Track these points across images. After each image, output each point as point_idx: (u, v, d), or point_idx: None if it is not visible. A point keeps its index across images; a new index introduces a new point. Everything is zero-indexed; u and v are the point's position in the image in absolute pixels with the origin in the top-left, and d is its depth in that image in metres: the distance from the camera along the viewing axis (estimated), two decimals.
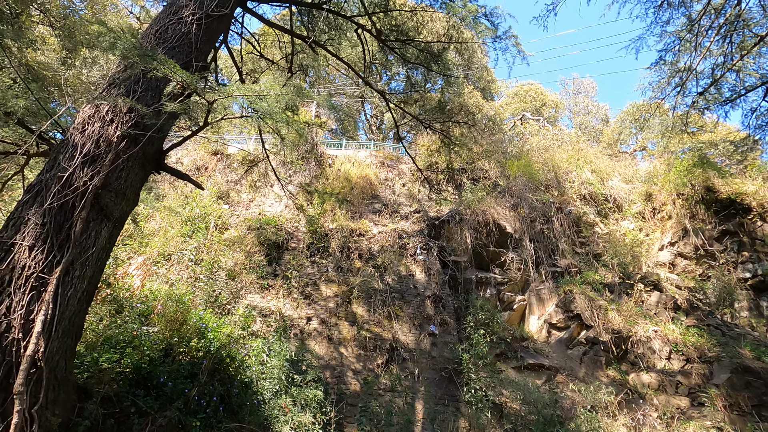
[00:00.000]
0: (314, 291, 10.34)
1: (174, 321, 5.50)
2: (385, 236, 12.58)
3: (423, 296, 10.75)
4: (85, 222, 3.32)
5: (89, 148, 3.47)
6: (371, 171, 15.90)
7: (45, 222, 3.14)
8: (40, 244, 3.08)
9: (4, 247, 3.03)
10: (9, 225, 3.14)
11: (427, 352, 9.44)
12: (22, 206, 3.22)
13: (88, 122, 3.61)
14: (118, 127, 3.65)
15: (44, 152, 4.61)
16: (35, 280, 2.99)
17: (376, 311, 9.99)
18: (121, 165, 3.63)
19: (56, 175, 3.30)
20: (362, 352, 9.16)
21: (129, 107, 3.71)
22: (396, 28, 6.17)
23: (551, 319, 12.02)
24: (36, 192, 3.27)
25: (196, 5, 4.78)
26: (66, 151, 3.48)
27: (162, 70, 3.26)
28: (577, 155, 17.71)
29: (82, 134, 3.55)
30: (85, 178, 3.37)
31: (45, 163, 3.47)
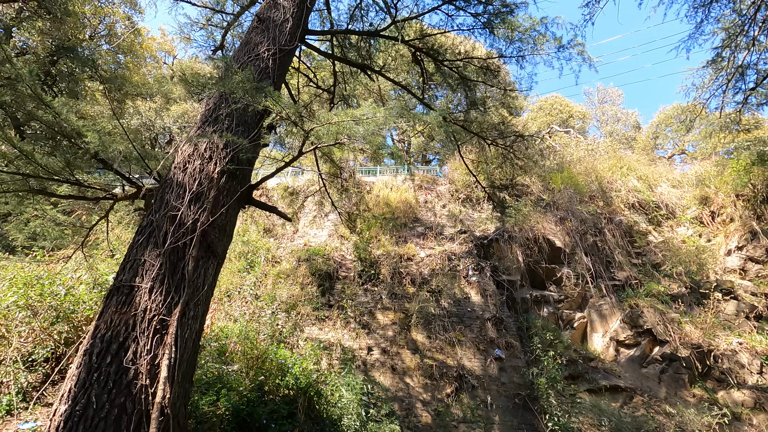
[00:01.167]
0: (371, 320, 10.11)
1: (255, 359, 5.37)
2: (433, 259, 12.32)
3: (482, 319, 10.34)
4: (196, 260, 3.27)
5: (193, 186, 3.46)
6: (410, 194, 15.82)
7: (161, 263, 3.10)
8: (158, 286, 3.03)
9: (124, 290, 2.98)
10: (126, 268, 3.11)
11: (496, 378, 8.98)
12: (136, 248, 3.20)
13: (188, 161, 3.62)
14: (217, 164, 3.65)
15: (132, 195, 4.68)
16: (157, 322, 2.92)
17: (437, 337, 9.65)
18: (222, 201, 3.61)
19: (167, 215, 3.29)
20: (428, 381, 8.79)
21: (225, 143, 3.71)
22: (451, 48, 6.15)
23: (618, 336, 11.35)
24: (149, 233, 3.25)
25: (269, 41, 4.88)
26: (171, 190, 3.48)
27: (264, 102, 3.25)
28: (619, 163, 17.21)
29: (184, 173, 3.55)
30: (192, 216, 3.34)
31: (153, 204, 3.47)
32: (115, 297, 2.98)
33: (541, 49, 5.63)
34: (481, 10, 5.43)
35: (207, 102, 4.12)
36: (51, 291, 5.54)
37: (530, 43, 5.57)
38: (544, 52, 5.66)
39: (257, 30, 5.06)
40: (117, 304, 2.93)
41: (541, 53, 5.69)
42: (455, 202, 15.94)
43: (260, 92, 3.28)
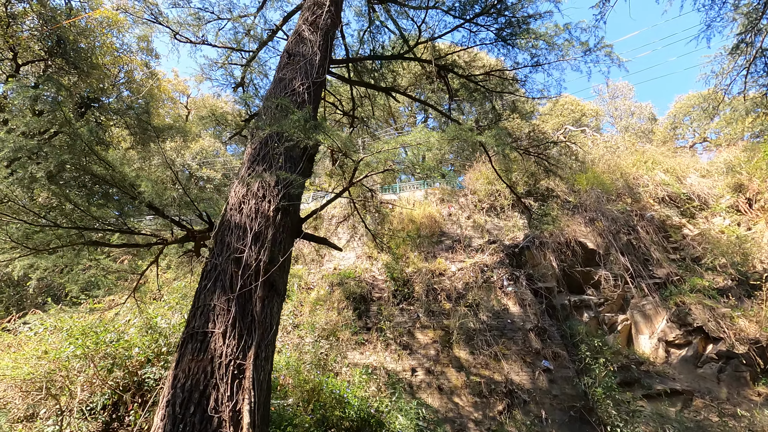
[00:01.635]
0: (411, 340, 9.97)
1: (310, 391, 5.31)
2: (466, 272, 12.16)
3: (524, 330, 10.09)
4: (262, 300, 3.27)
5: (252, 226, 3.49)
6: (433, 209, 15.75)
7: (230, 306, 3.11)
8: (231, 330, 3.02)
9: (198, 337, 2.99)
10: (197, 314, 3.13)
11: (547, 391, 8.69)
12: (204, 293, 3.22)
13: (243, 201, 3.66)
14: (271, 202, 3.68)
15: (182, 238, 4.74)
16: (234, 367, 2.90)
17: (481, 353, 9.43)
18: (279, 238, 3.62)
19: (230, 257, 3.31)
20: (478, 399, 8.56)
21: (276, 180, 3.75)
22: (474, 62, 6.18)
23: (666, 337, 10.94)
24: (215, 277, 3.27)
25: (303, 76, 4.97)
26: (230, 231, 3.51)
27: (317, 137, 3.28)
28: (642, 158, 16.90)
29: (240, 213, 3.59)
30: (255, 256, 3.35)
31: (213, 247, 3.50)
32: (189, 344, 2.99)
33: (567, 55, 5.62)
34: (504, 21, 5.47)
35: (253, 142, 4.19)
36: (106, 339, 5.62)
37: (556, 50, 5.58)
38: (570, 57, 5.64)
39: (288, 66, 5.16)
40: (193, 352, 2.93)
41: (568, 59, 5.68)
42: (479, 212, 15.78)
43: (314, 129, 3.32)
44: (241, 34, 10.21)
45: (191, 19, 9.31)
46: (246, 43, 10.57)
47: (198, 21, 8.87)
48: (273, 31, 9.10)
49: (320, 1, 6.45)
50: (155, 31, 8.87)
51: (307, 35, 5.68)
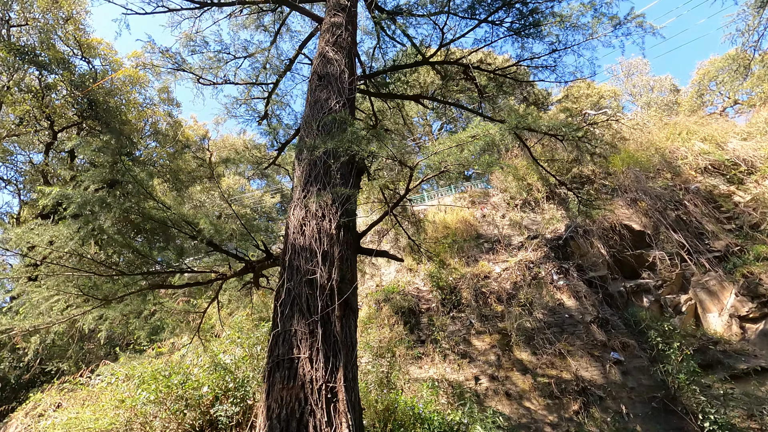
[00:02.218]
0: (468, 347, 9.68)
1: (385, 410, 5.17)
2: (511, 272, 11.82)
3: (584, 323, 9.65)
4: (341, 320, 3.20)
5: (318, 247, 3.45)
6: (466, 213, 15.52)
7: (311, 329, 3.05)
8: (316, 353, 2.95)
9: (285, 365, 2.93)
10: (279, 341, 3.08)
11: (622, 384, 8.21)
12: (282, 320, 3.17)
13: (303, 223, 3.63)
14: (331, 220, 3.64)
15: (241, 271, 4.75)
16: (326, 391, 2.81)
17: (544, 352, 9.05)
18: (344, 255, 3.57)
19: (303, 280, 3.26)
20: (549, 401, 8.17)
21: (332, 199, 3.72)
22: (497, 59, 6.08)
23: (738, 312, 10.26)
24: (291, 302, 3.22)
25: (336, 94, 5.00)
26: (297, 255, 3.48)
27: (370, 148, 3.23)
28: (675, 130, 16.24)
29: (303, 236, 3.56)
30: (326, 276, 3.30)
31: (283, 273, 3.47)
32: (277, 373, 2.93)
33: (595, 33, 5.46)
34: (527, 10, 5.39)
35: (301, 165, 4.19)
36: (175, 382, 5.66)
37: (584, 29, 5.43)
38: (600, 34, 5.48)
39: (320, 87, 5.20)
40: (282, 380, 2.87)
41: (597, 36, 5.52)
42: (513, 209, 15.45)
43: (369, 139, 3.29)
44: (258, 69, 10.49)
45: (211, 62, 9.61)
46: (264, 77, 10.84)
47: (218, 62, 9.16)
48: (290, 60, 9.30)
49: (338, 22, 6.54)
50: (179, 78, 9.18)
51: (332, 55, 5.74)
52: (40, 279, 4.14)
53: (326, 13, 7.18)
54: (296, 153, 4.51)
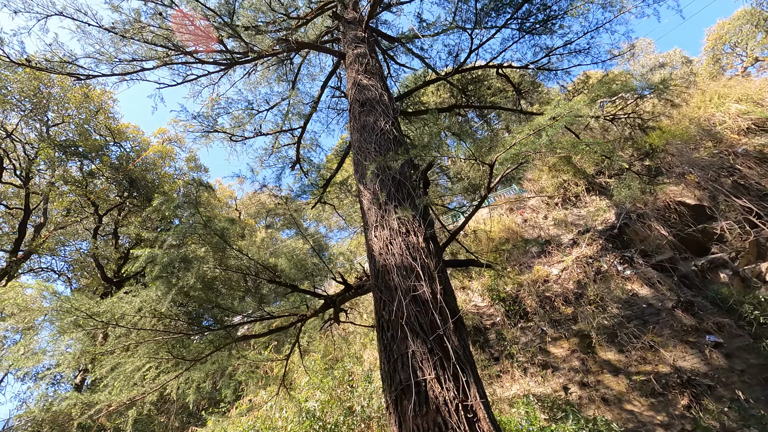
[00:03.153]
0: (546, 357, 9.12)
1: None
2: (571, 271, 11.28)
3: (666, 309, 8.99)
4: (455, 333, 2.98)
5: (411, 263, 3.29)
6: (506, 220, 15.15)
7: (431, 348, 2.84)
8: (442, 372, 2.74)
9: (411, 390, 2.71)
10: (399, 367, 2.88)
11: (729, 368, 7.49)
12: (394, 344, 2.99)
13: (390, 242, 3.50)
14: (417, 234, 3.50)
15: (321, 308, 4.62)
16: (464, 411, 2.57)
17: (632, 348, 8.42)
18: (438, 266, 3.39)
19: (406, 299, 3.09)
20: (653, 399, 7.50)
21: (413, 213, 3.59)
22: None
23: None
24: (399, 324, 3.04)
25: (383, 116, 4.99)
26: (391, 276, 3.32)
27: (445, 152, 3.12)
28: (704, 97, 15.70)
29: (393, 255, 3.41)
30: (430, 290, 3.12)
31: (378, 297, 3.31)
32: (405, 401, 2.71)
33: (625, 7, 5.35)
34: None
35: (368, 188, 4.11)
36: None
37: (614, 5, 5.33)
38: (631, 5, 5.37)
39: (364, 112, 5.21)
40: (413, 408, 2.65)
41: (629, 9, 5.41)
42: (554, 208, 14.99)
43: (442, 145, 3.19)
44: (281, 117, 10.77)
45: (237, 121, 9.92)
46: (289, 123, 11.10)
47: (247, 117, 9.44)
48: (314, 101, 9.48)
49: (362, 52, 6.66)
50: (212, 140, 9.49)
51: (367, 82, 5.79)
52: (132, 348, 4.10)
53: (346, 47, 7.35)
54: (358, 178, 4.45)
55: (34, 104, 12.12)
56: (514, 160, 3.39)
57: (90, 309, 3.55)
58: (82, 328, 3.71)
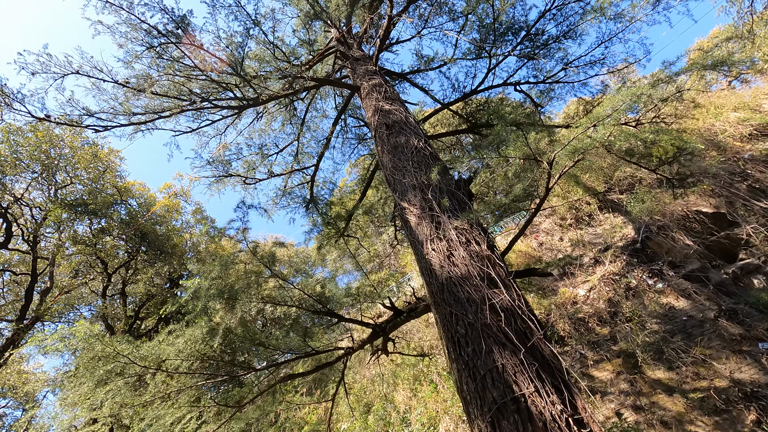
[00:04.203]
0: (591, 382, 8.58)
1: None
2: (599, 290, 10.93)
3: (709, 320, 8.59)
4: (541, 341, 2.71)
5: (480, 272, 3.07)
6: (522, 246, 14.90)
7: (522, 360, 2.57)
8: (540, 384, 2.46)
9: (509, 407, 2.42)
10: (487, 385, 2.59)
11: None
12: (478, 360, 2.70)
13: (450, 254, 3.29)
14: (479, 243, 3.31)
15: (369, 338, 4.32)
16: (577, 425, 2.27)
17: (682, 363, 7.94)
18: (505, 273, 3.17)
19: (481, 310, 2.84)
20: (717, 418, 6.95)
21: (470, 223, 3.42)
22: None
23: None
24: (477, 338, 2.78)
25: (414, 134, 4.95)
26: (457, 287, 3.09)
27: (507, 150, 3.00)
28: (701, 108, 16.03)
29: (457, 266, 3.20)
30: (507, 299, 2.88)
31: (444, 312, 3.06)
32: (504, 421, 2.41)
33: (635, 16, 5.49)
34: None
35: (412, 204, 3.95)
36: None
37: (624, 17, 5.48)
38: (639, 17, 5.50)
39: (393, 134, 5.17)
40: (515, 425, 2.34)
41: (639, 19, 5.54)
42: (568, 229, 14.80)
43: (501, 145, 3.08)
44: (292, 157, 10.81)
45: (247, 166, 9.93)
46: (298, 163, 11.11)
47: (260, 159, 9.45)
48: (327, 139, 9.53)
49: (378, 82, 6.75)
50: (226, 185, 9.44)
51: (389, 107, 5.80)
52: (172, 396, 3.76)
53: (359, 81, 7.47)
54: (398, 197, 4.30)
55: (45, 166, 12.19)
56: (572, 156, 3.26)
57: (132, 353, 3.26)
58: (122, 375, 3.39)
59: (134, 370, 3.60)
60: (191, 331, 3.56)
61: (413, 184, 4.18)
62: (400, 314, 4.23)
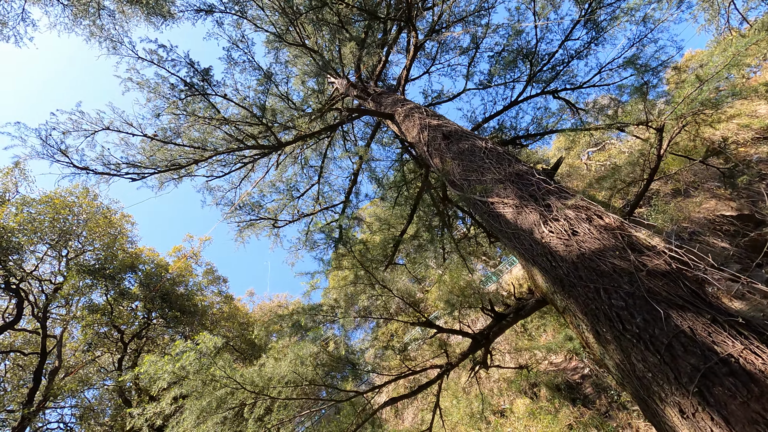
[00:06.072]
0: None
1: None
2: None
3: None
4: (716, 298, 2.46)
5: (616, 243, 2.87)
6: None
7: (711, 317, 2.31)
8: (743, 339, 2.18)
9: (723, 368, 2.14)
10: (675, 353, 2.30)
11: None
12: (656, 326, 2.43)
13: (573, 231, 3.09)
14: (601, 217, 3.12)
15: (468, 350, 3.98)
16: None
17: None
18: (645, 237, 2.96)
19: (645, 269, 2.61)
20: None
21: (585, 200, 3.26)
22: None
23: None
24: (639, 303, 2.52)
25: (478, 139, 4.91)
26: (597, 261, 2.86)
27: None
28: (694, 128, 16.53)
29: (586, 241, 2.98)
30: (662, 261, 2.66)
31: (583, 296, 2.80)
32: (715, 388, 2.10)
33: (662, 17, 5.74)
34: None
35: (504, 194, 3.80)
36: None
37: (651, 18, 5.72)
38: (665, 17, 5.76)
39: (452, 142, 5.14)
40: (732, 389, 2.04)
41: (665, 20, 5.79)
42: None
43: None
44: (311, 203, 10.74)
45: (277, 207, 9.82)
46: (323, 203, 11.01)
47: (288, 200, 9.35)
48: (354, 174, 9.52)
49: (414, 106, 6.86)
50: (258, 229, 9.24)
51: (437, 122, 5.83)
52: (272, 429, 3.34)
53: (389, 109, 7.60)
54: (481, 196, 4.14)
55: (63, 232, 11.88)
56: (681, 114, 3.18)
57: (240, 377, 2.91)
58: (222, 406, 3.00)
59: (239, 399, 3.18)
60: (298, 349, 3.21)
61: (498, 179, 4.05)
62: (503, 318, 3.91)
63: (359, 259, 3.63)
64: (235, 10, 9.94)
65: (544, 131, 7.05)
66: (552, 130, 7.04)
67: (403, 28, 9.46)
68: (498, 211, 3.92)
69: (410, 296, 3.50)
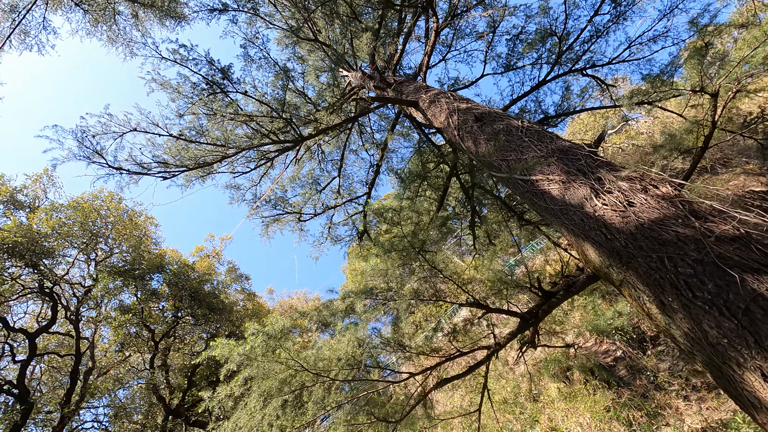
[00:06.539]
0: (704, 378, 7.86)
1: None
2: None
3: None
4: None
5: (676, 211, 2.81)
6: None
7: None
8: None
9: None
10: (754, 318, 2.24)
11: None
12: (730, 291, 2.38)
13: (629, 202, 3.05)
14: (657, 187, 3.05)
15: (516, 330, 3.95)
16: None
17: None
18: (708, 204, 2.90)
19: (713, 236, 2.55)
20: None
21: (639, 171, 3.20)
22: None
23: None
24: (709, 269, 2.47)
25: (514, 117, 4.84)
26: (658, 230, 2.81)
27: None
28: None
29: (645, 211, 2.93)
30: (728, 227, 2.60)
31: (644, 267, 2.75)
32: None
33: None
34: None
35: (549, 170, 3.76)
36: None
37: None
38: None
39: (486, 123, 5.08)
40: None
41: None
42: None
43: None
44: (332, 196, 10.77)
45: (301, 200, 9.87)
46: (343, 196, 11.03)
47: (312, 193, 9.39)
48: (376, 165, 9.50)
49: (437, 91, 6.80)
50: (286, 223, 9.32)
51: (465, 105, 5.79)
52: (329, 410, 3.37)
53: (412, 97, 7.55)
54: (521, 172, 4.10)
55: (93, 235, 12.21)
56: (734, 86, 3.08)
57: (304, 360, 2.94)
58: (284, 389, 3.04)
59: (299, 381, 3.22)
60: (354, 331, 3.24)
61: (540, 156, 4.00)
62: (552, 296, 3.88)
63: (411, 241, 3.62)
64: (248, 8, 9.98)
65: (573, 110, 6.94)
66: (583, 109, 6.92)
67: (420, 15, 9.38)
68: (542, 189, 3.87)
69: (459, 277, 3.48)
